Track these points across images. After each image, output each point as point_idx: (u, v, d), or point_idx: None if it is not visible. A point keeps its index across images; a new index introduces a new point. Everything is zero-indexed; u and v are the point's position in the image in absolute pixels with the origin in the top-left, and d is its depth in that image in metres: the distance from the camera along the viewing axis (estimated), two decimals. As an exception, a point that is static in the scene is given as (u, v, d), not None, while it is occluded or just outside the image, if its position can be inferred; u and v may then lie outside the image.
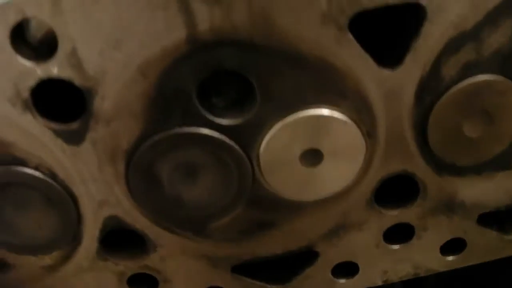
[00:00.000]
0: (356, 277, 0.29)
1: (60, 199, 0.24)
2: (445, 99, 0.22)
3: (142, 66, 0.20)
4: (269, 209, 0.25)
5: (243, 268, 0.28)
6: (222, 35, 0.19)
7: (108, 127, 0.22)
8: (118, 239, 0.27)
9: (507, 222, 0.29)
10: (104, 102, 0.21)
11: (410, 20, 0.21)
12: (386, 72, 0.21)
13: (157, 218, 0.25)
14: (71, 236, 0.26)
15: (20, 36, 0.20)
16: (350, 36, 0.20)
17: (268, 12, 0.19)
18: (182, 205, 0.24)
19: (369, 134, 0.23)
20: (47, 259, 0.27)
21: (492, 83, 0.22)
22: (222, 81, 0.21)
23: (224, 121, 0.22)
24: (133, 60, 0.20)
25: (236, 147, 0.22)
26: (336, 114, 0.22)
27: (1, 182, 0.23)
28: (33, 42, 0.20)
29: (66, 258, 0.27)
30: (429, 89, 0.22)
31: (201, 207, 0.25)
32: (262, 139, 0.22)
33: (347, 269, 0.29)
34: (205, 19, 0.19)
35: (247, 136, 0.22)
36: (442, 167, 0.25)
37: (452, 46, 0.21)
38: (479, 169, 0.25)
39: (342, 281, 0.29)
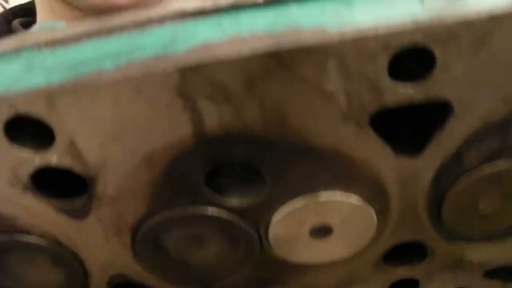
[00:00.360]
0: None
1: (66, 261, 0.24)
2: (463, 183, 0.22)
3: (146, 157, 0.19)
4: (275, 270, 0.25)
5: None
6: (231, 132, 0.19)
7: (112, 207, 0.21)
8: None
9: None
10: (107, 188, 0.20)
11: (434, 112, 0.20)
12: (404, 161, 0.21)
13: (165, 279, 0.25)
14: None
15: (15, 127, 0.19)
16: (370, 131, 0.19)
17: (282, 111, 0.18)
18: (189, 269, 0.24)
19: (382, 212, 0.22)
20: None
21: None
22: (232, 164, 0.21)
23: (232, 201, 0.21)
24: (137, 152, 0.19)
25: (244, 225, 0.22)
26: (348, 196, 0.22)
27: (6, 247, 0.23)
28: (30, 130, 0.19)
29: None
30: (448, 175, 0.22)
31: (207, 270, 0.25)
32: (271, 217, 0.22)
33: None
34: (213, 117, 0.18)
35: (256, 215, 0.22)
36: (453, 236, 0.25)
37: (477, 137, 0.20)
38: (490, 237, 0.25)
39: None
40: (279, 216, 0.22)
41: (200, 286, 0.25)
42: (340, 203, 0.22)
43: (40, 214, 0.21)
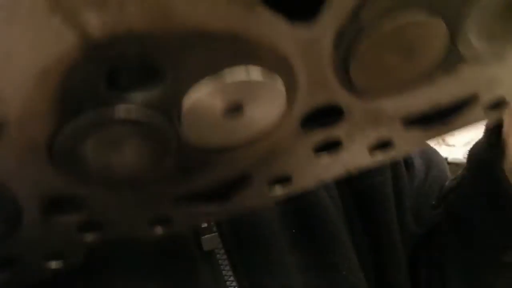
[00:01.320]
0: (291, 185, 0.30)
1: None
2: (366, 41, 0.22)
3: (39, 76, 0.18)
4: (198, 158, 0.25)
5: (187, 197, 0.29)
6: (117, 35, 0.18)
7: (20, 132, 0.21)
8: None
9: (430, 119, 0.30)
10: (9, 115, 0.20)
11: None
12: (301, 29, 0.20)
13: (92, 188, 0.25)
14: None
15: None
16: (260, 6, 0.19)
17: (163, 4, 0.17)
18: (112, 173, 0.24)
19: (288, 81, 0.22)
20: None
21: (412, 22, 0.22)
22: (128, 63, 0.20)
23: (137, 96, 0.21)
24: (28, 73, 0.18)
25: (156, 119, 0.22)
26: (252, 70, 0.21)
27: None
28: None
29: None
30: (349, 35, 0.21)
31: (131, 171, 0.25)
32: (181, 105, 0.22)
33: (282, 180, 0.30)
34: (94, 22, 0.17)
35: (167, 107, 0.22)
36: (365, 93, 0.25)
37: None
38: (401, 88, 0.26)
39: (277, 188, 0.30)
40: (188, 103, 0.22)
41: (127, 186, 0.26)
42: (245, 79, 0.22)
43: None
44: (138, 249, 0.40)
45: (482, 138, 0.47)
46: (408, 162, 0.54)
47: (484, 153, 0.46)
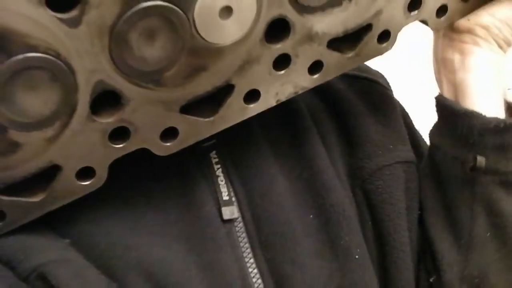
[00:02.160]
0: (259, 101, 0.42)
1: (63, 74, 0.34)
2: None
3: None
4: (201, 56, 0.38)
5: (186, 109, 0.40)
6: None
7: (97, 10, 0.32)
8: (100, 104, 0.37)
9: (343, 45, 0.45)
10: None
11: None
12: None
13: (130, 76, 0.36)
14: (70, 106, 0.36)
15: None
16: None
17: None
18: (146, 62, 0.36)
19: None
20: (50, 131, 0.36)
21: None
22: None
23: None
24: None
25: (179, 11, 0.34)
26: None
27: (17, 69, 0.33)
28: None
29: (64, 126, 0.36)
30: None
31: (159, 62, 0.36)
32: (194, 8, 0.35)
33: (252, 96, 0.42)
34: None
35: (186, 3, 0.35)
36: (301, 9, 0.39)
37: None
38: (323, 8, 0.40)
39: (251, 105, 0.42)
40: (199, 6, 0.35)
41: (153, 80, 0.37)
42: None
43: (47, 27, 0.32)
44: (165, 217, 0.46)
45: None
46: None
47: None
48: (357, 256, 0.48)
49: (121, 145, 0.39)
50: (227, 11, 0.36)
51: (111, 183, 0.41)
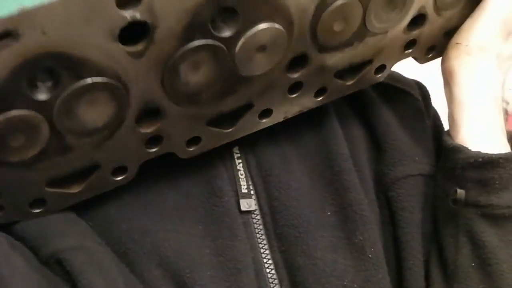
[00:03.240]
0: (270, 117, 0.49)
1: (120, 95, 0.39)
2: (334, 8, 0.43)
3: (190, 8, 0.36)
4: (234, 82, 0.44)
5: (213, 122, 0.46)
6: None
7: (159, 46, 0.37)
8: (141, 115, 0.42)
9: (345, 75, 0.51)
10: (161, 32, 0.37)
11: None
12: None
13: (173, 97, 0.42)
14: (120, 119, 0.41)
15: None
16: None
17: None
18: (189, 87, 0.41)
19: (289, 33, 0.42)
20: (99, 138, 0.41)
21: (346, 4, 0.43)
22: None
23: (222, 33, 0.39)
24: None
25: (224, 48, 0.40)
26: (272, 24, 0.41)
27: (84, 90, 0.37)
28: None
29: (111, 134, 0.41)
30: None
31: (199, 87, 0.42)
32: (239, 41, 0.41)
33: (265, 113, 0.49)
34: None
35: (232, 41, 0.40)
36: (321, 48, 0.46)
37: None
38: (337, 47, 0.47)
39: (263, 120, 0.49)
40: (243, 40, 0.40)
41: (190, 100, 0.42)
42: (267, 29, 0.41)
43: (115, 57, 0.37)
44: (186, 203, 0.49)
45: None
46: None
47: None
48: (370, 255, 0.50)
49: (154, 149, 0.45)
50: (262, 48, 0.42)
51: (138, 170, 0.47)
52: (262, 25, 0.40)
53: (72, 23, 0.34)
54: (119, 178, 0.46)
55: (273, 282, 0.49)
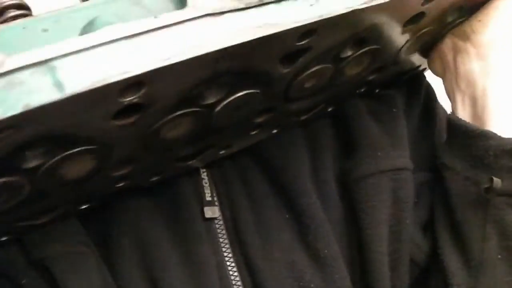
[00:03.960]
0: (230, 148, 0.52)
1: (102, 152, 0.40)
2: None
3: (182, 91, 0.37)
4: (207, 131, 0.46)
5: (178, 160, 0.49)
6: None
7: (148, 118, 0.38)
8: None
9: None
10: (152, 109, 0.38)
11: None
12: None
13: (151, 150, 0.43)
14: None
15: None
16: None
17: None
18: (168, 143, 0.43)
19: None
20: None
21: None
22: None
23: (206, 101, 0.41)
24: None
25: (204, 111, 0.41)
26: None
27: (68, 157, 0.38)
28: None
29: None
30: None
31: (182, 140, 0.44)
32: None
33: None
34: None
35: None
36: (290, 100, 0.48)
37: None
38: (303, 98, 0.50)
39: (222, 152, 0.52)
40: (223, 104, 0.42)
41: (164, 151, 0.44)
42: (247, 94, 0.43)
43: (106, 130, 0.37)
44: (154, 216, 0.52)
45: None
46: None
47: None
48: (323, 256, 0.51)
49: (120, 185, 0.47)
50: (238, 108, 0.44)
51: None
52: (244, 91, 0.42)
53: (73, 114, 0.34)
54: (82, 207, 0.47)
55: (236, 284, 0.51)
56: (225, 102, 0.42)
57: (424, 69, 0.63)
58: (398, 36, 0.49)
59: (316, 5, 0.38)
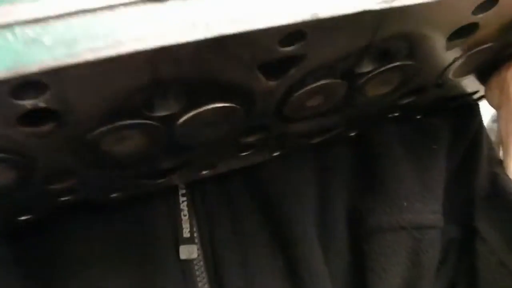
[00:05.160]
0: (215, 169, 0.43)
1: (23, 165, 0.31)
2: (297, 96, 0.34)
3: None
4: (173, 147, 0.36)
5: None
6: None
7: (71, 127, 0.29)
8: None
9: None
10: (71, 117, 0.29)
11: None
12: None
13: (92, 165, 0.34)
14: None
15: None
16: None
17: None
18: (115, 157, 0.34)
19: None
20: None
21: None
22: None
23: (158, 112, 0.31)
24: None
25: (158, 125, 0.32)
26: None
27: None
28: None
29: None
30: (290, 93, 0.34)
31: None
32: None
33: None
34: None
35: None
36: (288, 119, 0.38)
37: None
38: (307, 118, 0.39)
39: (204, 172, 0.42)
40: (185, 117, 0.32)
41: (113, 167, 0.35)
42: (218, 107, 0.33)
43: (16, 139, 0.28)
44: (123, 245, 0.42)
45: None
46: None
47: None
48: None
49: (66, 198, 0.38)
50: (210, 124, 0.34)
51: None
52: (213, 105, 0.32)
53: None
54: (22, 218, 0.39)
55: None
56: (186, 117, 0.32)
57: (481, 98, 0.50)
58: (442, 52, 0.37)
59: (310, -1, 0.27)
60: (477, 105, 0.50)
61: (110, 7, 0.25)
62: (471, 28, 0.35)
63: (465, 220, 0.45)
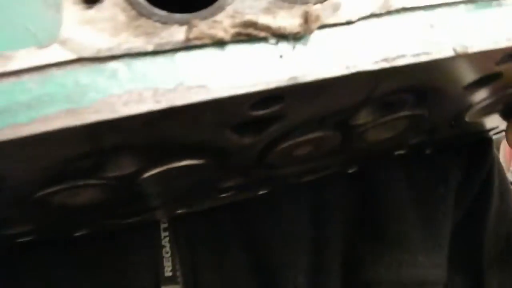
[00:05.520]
0: (190, 207, 0.38)
1: None
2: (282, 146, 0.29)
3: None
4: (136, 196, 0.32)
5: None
6: None
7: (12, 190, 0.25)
8: None
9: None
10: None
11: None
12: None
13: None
14: None
15: None
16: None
17: None
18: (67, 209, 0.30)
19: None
20: None
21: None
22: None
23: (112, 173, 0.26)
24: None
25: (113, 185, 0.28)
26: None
27: None
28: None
29: None
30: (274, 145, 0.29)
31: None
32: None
33: None
34: None
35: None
36: (272, 167, 0.33)
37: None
38: (294, 164, 0.34)
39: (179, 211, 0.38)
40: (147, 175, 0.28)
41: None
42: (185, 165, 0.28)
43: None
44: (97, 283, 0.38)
45: None
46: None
47: None
48: None
49: (23, 239, 0.34)
50: (176, 177, 0.29)
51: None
52: (179, 163, 0.28)
53: None
54: None
55: None
56: (148, 174, 0.28)
57: (499, 133, 0.44)
58: (457, 99, 0.32)
59: (288, 57, 0.22)
60: (491, 140, 0.44)
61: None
62: (493, 77, 0.30)
63: (473, 272, 0.41)
